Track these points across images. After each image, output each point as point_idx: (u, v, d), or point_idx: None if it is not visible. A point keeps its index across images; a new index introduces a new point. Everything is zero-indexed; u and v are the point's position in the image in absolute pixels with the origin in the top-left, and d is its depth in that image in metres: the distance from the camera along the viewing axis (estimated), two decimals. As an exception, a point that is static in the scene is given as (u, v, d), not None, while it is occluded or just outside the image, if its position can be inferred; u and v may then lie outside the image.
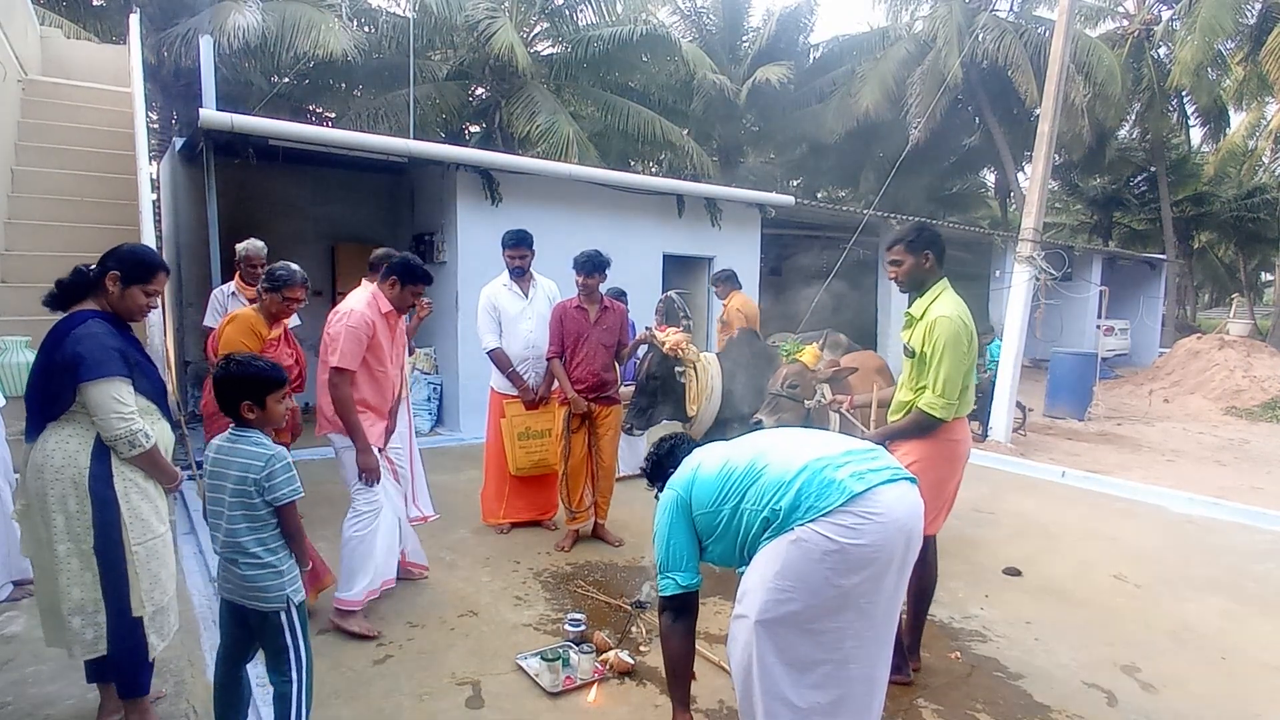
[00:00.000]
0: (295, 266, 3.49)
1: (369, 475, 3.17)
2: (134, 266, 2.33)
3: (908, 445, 2.78)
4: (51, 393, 2.20)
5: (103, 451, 2.22)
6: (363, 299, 3.29)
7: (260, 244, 4.59)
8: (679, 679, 2.33)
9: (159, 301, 2.53)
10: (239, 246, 4.53)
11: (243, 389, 2.09)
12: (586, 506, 4.31)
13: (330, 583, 3.28)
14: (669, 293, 4.83)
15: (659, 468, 2.48)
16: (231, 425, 2.14)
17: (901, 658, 2.74)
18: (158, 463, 2.32)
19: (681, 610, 2.25)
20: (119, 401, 2.18)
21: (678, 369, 4.09)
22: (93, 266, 2.35)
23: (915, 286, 2.88)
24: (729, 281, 6.57)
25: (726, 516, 2.09)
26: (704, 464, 2.21)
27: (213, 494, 2.10)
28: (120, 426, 2.18)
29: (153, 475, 2.34)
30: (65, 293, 2.31)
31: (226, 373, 2.12)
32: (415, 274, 3.30)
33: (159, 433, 2.34)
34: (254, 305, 3.66)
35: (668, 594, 2.21)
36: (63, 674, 2.75)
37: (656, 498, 2.39)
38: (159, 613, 2.32)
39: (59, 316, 2.32)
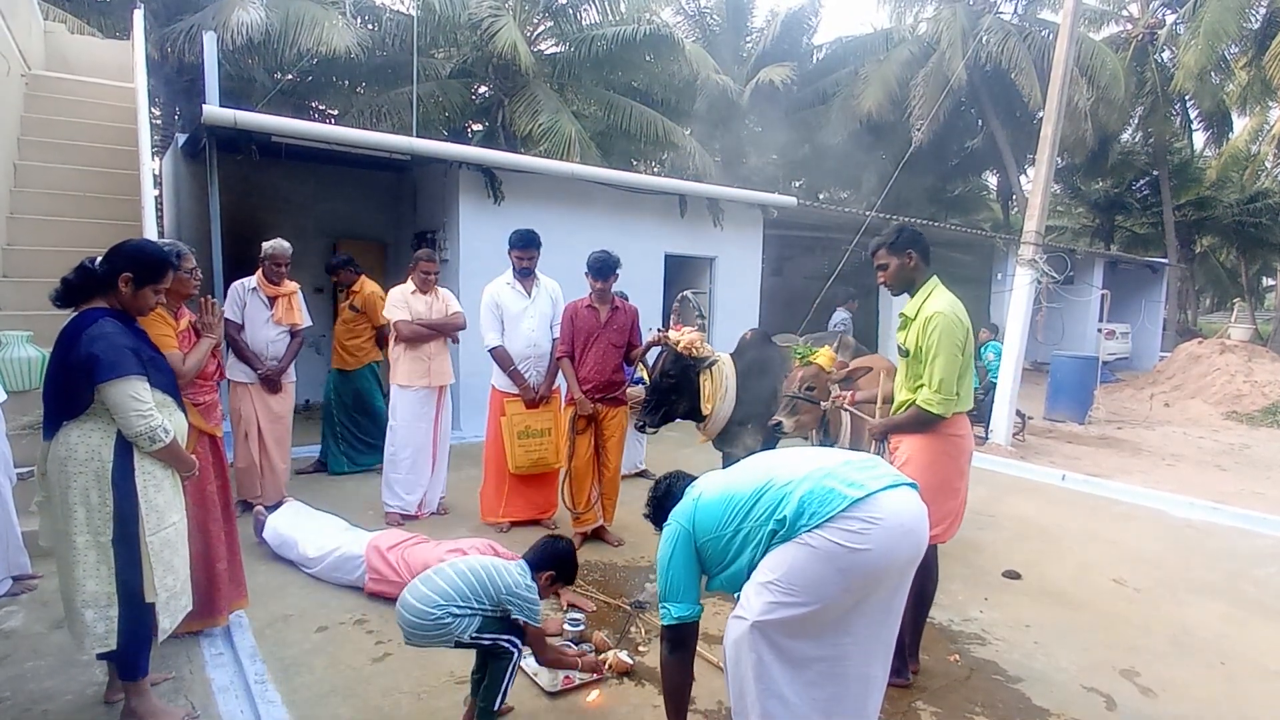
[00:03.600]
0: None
1: None
2: (146, 268, 2.36)
3: (911, 445, 2.78)
4: (69, 393, 2.23)
5: (125, 445, 2.27)
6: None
7: (286, 244, 4.61)
8: (675, 709, 2.29)
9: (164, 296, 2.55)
10: (266, 245, 4.55)
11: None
12: (592, 507, 4.30)
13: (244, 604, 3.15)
14: (684, 292, 4.84)
15: (660, 508, 2.44)
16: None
17: (901, 660, 2.74)
18: (177, 454, 2.38)
19: (678, 642, 2.22)
20: (137, 400, 2.22)
21: (699, 365, 4.06)
22: (98, 261, 2.36)
23: (905, 287, 2.89)
24: (348, 266, 5.58)
25: (729, 538, 2.09)
26: (705, 492, 2.21)
27: None
28: (140, 424, 2.22)
29: (171, 465, 2.40)
30: (74, 291, 2.33)
31: None
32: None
33: (176, 424, 2.38)
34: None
35: (665, 624, 2.20)
36: (61, 669, 2.75)
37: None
38: (171, 598, 2.38)
39: (62, 312, 2.33)
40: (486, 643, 2.38)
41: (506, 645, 2.40)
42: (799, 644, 1.96)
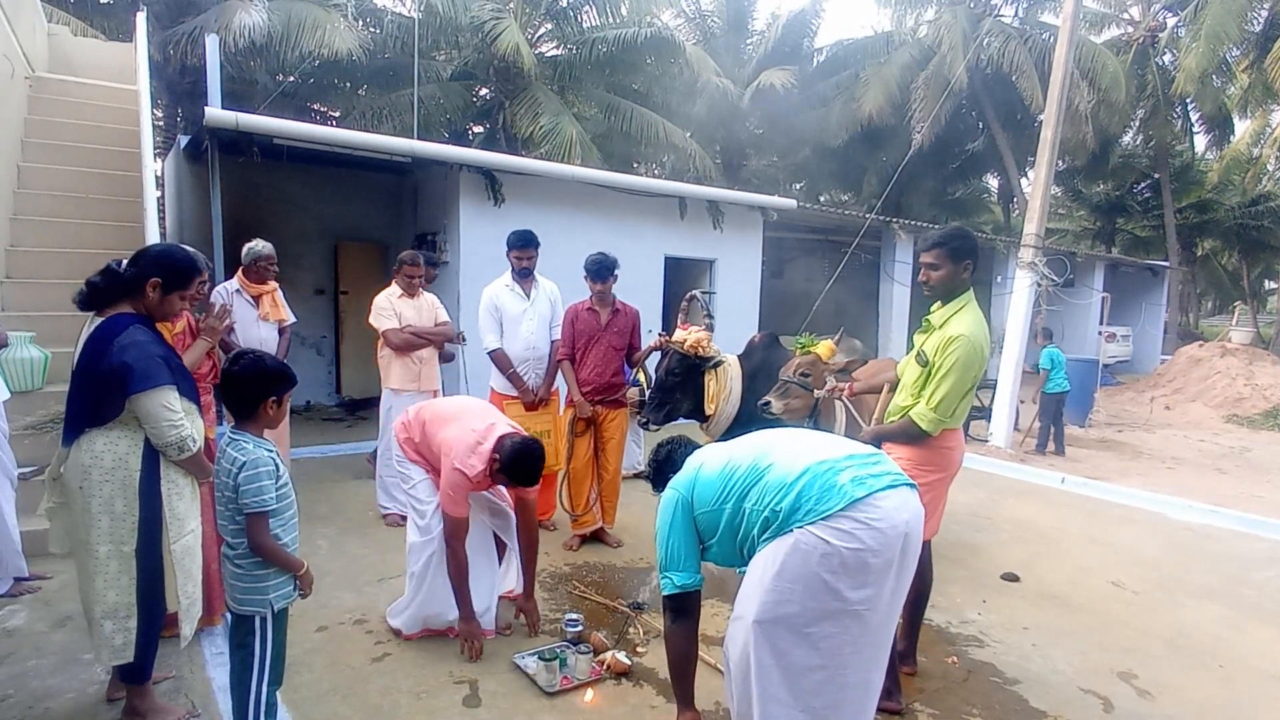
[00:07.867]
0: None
1: None
2: (175, 275, 2.35)
3: (901, 453, 2.78)
4: (97, 401, 2.21)
5: (152, 454, 2.26)
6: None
7: (270, 245, 4.59)
8: (679, 677, 2.37)
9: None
10: (253, 247, 4.51)
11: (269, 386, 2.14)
12: (591, 509, 4.30)
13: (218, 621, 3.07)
14: (693, 292, 4.84)
15: (660, 473, 2.48)
16: (232, 424, 2.16)
17: (894, 681, 2.72)
18: (199, 461, 2.38)
19: (681, 610, 2.27)
20: (169, 410, 2.21)
21: (704, 365, 4.06)
22: (124, 263, 2.34)
23: (944, 295, 2.76)
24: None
25: (728, 516, 2.10)
26: (706, 463, 2.22)
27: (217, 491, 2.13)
28: (172, 434, 2.21)
29: (192, 472, 2.39)
30: (99, 294, 2.29)
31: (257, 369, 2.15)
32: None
33: (196, 429, 2.37)
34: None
35: (666, 593, 2.23)
36: (63, 667, 2.76)
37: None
38: (191, 604, 2.39)
39: (66, 313, 2.34)
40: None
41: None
42: (799, 652, 1.95)
